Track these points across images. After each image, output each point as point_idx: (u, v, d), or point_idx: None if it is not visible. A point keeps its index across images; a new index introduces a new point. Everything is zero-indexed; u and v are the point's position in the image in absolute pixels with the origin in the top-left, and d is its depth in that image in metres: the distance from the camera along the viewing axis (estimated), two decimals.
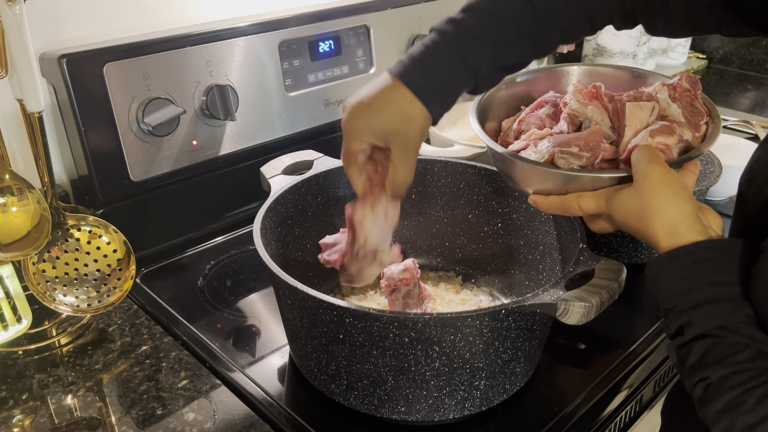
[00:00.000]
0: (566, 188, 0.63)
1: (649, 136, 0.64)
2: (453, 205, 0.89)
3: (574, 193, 0.62)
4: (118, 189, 0.91)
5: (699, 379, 0.48)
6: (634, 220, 0.57)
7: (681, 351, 0.50)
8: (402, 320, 0.59)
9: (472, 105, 0.74)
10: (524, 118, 0.73)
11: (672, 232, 0.54)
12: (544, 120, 0.72)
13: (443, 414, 0.66)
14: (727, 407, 0.45)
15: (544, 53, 0.66)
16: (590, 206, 0.61)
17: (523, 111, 0.76)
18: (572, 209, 0.63)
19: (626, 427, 0.77)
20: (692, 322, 0.49)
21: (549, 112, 0.73)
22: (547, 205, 0.65)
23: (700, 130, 0.67)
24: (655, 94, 0.68)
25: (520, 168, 0.66)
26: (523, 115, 0.74)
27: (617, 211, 0.59)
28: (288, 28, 1.02)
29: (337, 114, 1.13)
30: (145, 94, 0.89)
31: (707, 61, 1.86)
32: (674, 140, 0.64)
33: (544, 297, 0.59)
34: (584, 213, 0.63)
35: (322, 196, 0.85)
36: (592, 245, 0.88)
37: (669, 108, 0.67)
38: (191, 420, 0.68)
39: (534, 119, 0.73)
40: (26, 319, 0.78)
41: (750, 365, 0.46)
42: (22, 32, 0.69)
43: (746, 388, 0.45)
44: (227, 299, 0.89)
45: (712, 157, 1.00)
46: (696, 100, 0.69)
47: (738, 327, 0.47)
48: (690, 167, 0.63)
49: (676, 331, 0.51)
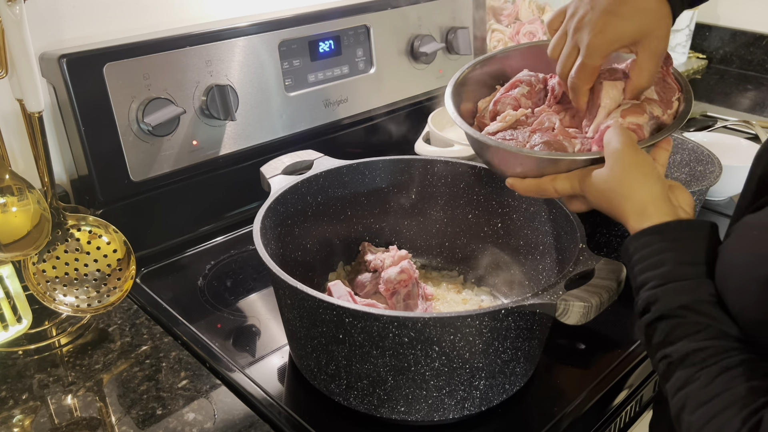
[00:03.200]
0: (542, 171, 0.64)
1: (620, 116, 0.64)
2: (453, 205, 0.89)
3: (549, 176, 0.64)
4: (118, 189, 0.91)
5: (662, 356, 0.50)
6: (606, 202, 0.59)
7: (648, 330, 0.52)
8: (402, 320, 0.59)
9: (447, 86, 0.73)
10: (500, 99, 0.73)
11: (641, 213, 0.56)
12: (519, 100, 0.72)
13: (443, 414, 0.66)
14: (683, 383, 0.47)
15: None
16: (565, 188, 0.63)
17: (498, 91, 0.75)
18: (548, 191, 0.64)
19: (626, 427, 0.77)
20: (657, 300, 0.51)
21: (524, 92, 0.73)
22: (524, 188, 0.66)
23: (672, 107, 0.67)
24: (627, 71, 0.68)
25: (496, 152, 0.67)
26: (498, 95, 0.74)
27: (590, 193, 0.61)
28: (288, 28, 1.02)
29: (337, 114, 1.13)
30: (145, 94, 0.89)
31: (707, 61, 1.86)
32: (645, 119, 0.65)
33: (544, 297, 0.59)
34: (559, 195, 0.64)
35: (322, 196, 0.85)
36: (592, 245, 0.88)
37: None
38: (191, 420, 0.68)
39: (509, 99, 0.73)
40: (26, 319, 0.78)
41: (707, 343, 0.47)
42: (22, 32, 0.69)
43: (702, 366, 0.46)
44: (227, 299, 0.89)
45: (712, 157, 1.00)
46: (668, 76, 0.69)
47: (699, 306, 0.49)
48: (663, 145, 0.64)
49: (644, 309, 0.52)
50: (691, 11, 1.75)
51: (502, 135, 0.69)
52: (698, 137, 1.20)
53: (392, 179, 0.88)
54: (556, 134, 0.66)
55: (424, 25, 1.21)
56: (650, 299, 0.52)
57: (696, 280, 0.50)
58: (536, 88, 0.73)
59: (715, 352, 0.47)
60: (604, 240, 0.91)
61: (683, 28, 1.76)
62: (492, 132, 0.70)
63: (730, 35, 1.81)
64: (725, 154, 1.05)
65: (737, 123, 1.43)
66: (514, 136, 0.68)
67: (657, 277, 0.52)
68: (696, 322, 0.49)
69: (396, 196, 0.89)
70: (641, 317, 0.53)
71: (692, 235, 0.53)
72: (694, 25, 1.79)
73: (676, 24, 1.95)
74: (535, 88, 0.73)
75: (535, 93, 0.73)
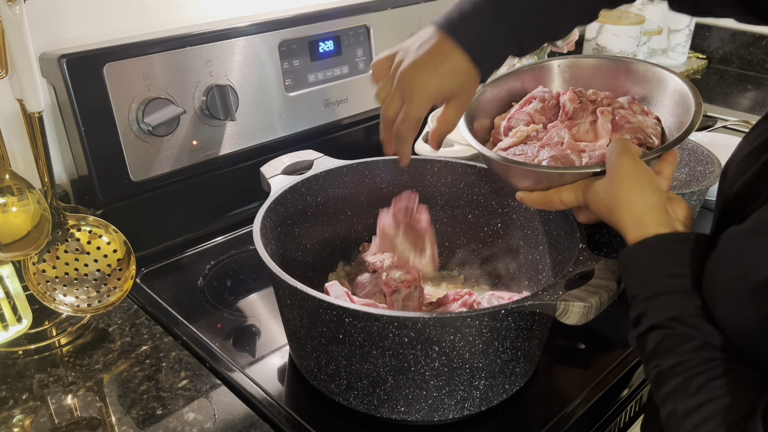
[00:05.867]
0: (549, 184, 0.66)
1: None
2: (453, 205, 0.89)
3: (555, 188, 0.65)
4: (118, 189, 0.92)
5: (653, 366, 0.51)
6: (606, 211, 0.60)
7: (640, 341, 0.53)
8: (402, 320, 0.59)
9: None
10: (513, 115, 0.76)
11: (638, 223, 0.57)
12: (533, 116, 0.74)
13: (443, 414, 0.66)
14: (672, 391, 0.49)
15: (587, 21, 0.67)
16: (570, 199, 0.64)
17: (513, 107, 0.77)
18: (554, 203, 0.66)
19: (626, 427, 0.77)
20: (647, 312, 0.53)
21: (537, 108, 0.75)
22: (532, 200, 0.68)
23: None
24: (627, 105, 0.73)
25: (503, 167, 0.69)
26: (512, 112, 0.76)
27: (592, 203, 0.62)
28: (288, 28, 1.02)
29: (336, 114, 1.13)
30: (145, 94, 0.89)
31: (707, 61, 1.86)
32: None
33: (544, 297, 0.59)
34: (566, 206, 0.65)
35: (322, 196, 0.85)
36: (592, 245, 0.88)
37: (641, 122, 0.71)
38: (191, 420, 0.68)
39: (523, 115, 0.75)
40: (26, 319, 0.78)
41: (695, 354, 0.48)
42: (22, 32, 0.69)
43: (690, 375, 0.48)
44: (227, 299, 0.89)
45: (711, 157, 1.00)
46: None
47: (687, 318, 0.50)
48: (668, 158, 0.65)
49: (635, 320, 0.54)
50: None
51: (513, 150, 0.71)
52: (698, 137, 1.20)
53: (392, 179, 0.88)
54: (564, 148, 0.69)
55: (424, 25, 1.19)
56: (640, 311, 0.53)
57: (684, 293, 0.52)
58: (549, 104, 0.76)
59: (702, 362, 0.48)
60: (604, 240, 0.91)
61: (683, 28, 1.76)
62: (504, 147, 0.73)
63: (730, 35, 1.82)
64: (725, 154, 1.04)
65: (737, 123, 1.43)
66: (524, 151, 0.71)
67: (646, 290, 0.53)
68: (683, 333, 0.50)
69: (396, 196, 0.89)
70: (634, 327, 0.54)
71: (681, 248, 0.54)
72: (694, 25, 1.79)
73: (676, 24, 1.96)
74: (548, 104, 0.75)
75: (549, 109, 0.75)
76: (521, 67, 0.81)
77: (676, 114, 0.71)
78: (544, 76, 0.80)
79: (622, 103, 0.73)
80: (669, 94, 0.73)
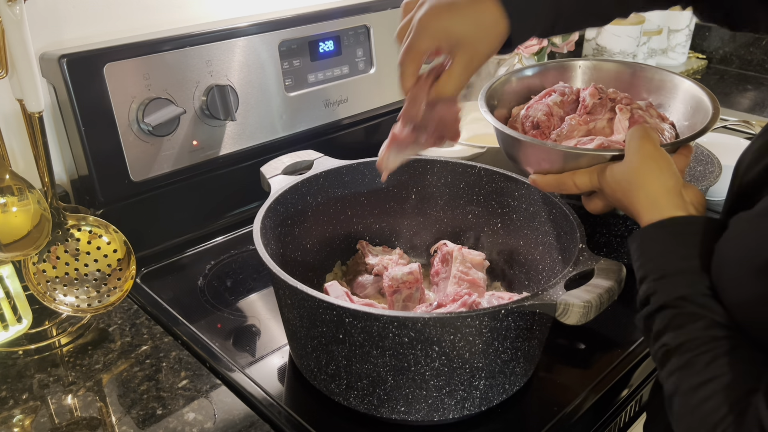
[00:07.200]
0: (564, 166, 0.67)
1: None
2: (453, 205, 0.89)
3: (570, 171, 0.66)
4: (118, 189, 0.92)
5: (661, 345, 0.52)
6: (621, 193, 0.61)
7: (647, 321, 0.54)
8: (402, 320, 0.59)
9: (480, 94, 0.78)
10: (532, 105, 0.78)
11: (653, 205, 0.57)
12: (551, 107, 0.77)
13: (443, 414, 0.66)
14: (677, 368, 0.49)
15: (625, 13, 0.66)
16: (584, 182, 0.64)
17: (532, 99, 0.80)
18: (567, 186, 0.66)
19: (626, 427, 0.78)
20: (657, 292, 0.53)
21: (557, 101, 0.77)
22: (545, 183, 0.68)
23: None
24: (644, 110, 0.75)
25: (522, 147, 0.70)
26: (531, 102, 0.79)
27: (607, 185, 0.62)
28: (288, 28, 1.02)
29: (337, 114, 1.13)
30: (145, 94, 0.89)
31: (707, 61, 1.86)
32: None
33: (544, 297, 0.59)
34: (579, 190, 0.66)
35: (322, 196, 0.85)
36: (592, 245, 0.88)
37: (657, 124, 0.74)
38: (191, 420, 0.68)
39: (541, 106, 0.77)
40: (26, 319, 0.78)
41: (703, 333, 0.49)
42: (22, 32, 0.69)
43: (697, 353, 0.48)
44: (227, 299, 0.89)
45: (711, 157, 1.00)
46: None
47: (696, 298, 0.51)
48: (683, 152, 0.66)
49: (644, 300, 0.54)
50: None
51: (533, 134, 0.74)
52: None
53: (392, 179, 0.88)
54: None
55: None
56: (650, 291, 0.54)
57: (693, 274, 0.52)
58: (569, 98, 0.78)
59: (709, 340, 0.48)
60: (604, 240, 0.91)
61: (683, 28, 1.76)
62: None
63: (730, 35, 1.81)
64: (725, 154, 1.05)
65: (737, 123, 1.43)
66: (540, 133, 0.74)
67: (657, 270, 0.54)
68: (692, 312, 0.50)
69: (396, 196, 0.89)
70: (642, 309, 0.55)
71: (692, 230, 0.54)
72: (694, 25, 1.79)
73: (676, 24, 1.96)
74: (568, 99, 0.78)
75: (568, 103, 0.78)
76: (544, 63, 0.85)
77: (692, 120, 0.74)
78: (566, 75, 0.84)
79: (640, 105, 0.75)
80: (686, 101, 0.76)
